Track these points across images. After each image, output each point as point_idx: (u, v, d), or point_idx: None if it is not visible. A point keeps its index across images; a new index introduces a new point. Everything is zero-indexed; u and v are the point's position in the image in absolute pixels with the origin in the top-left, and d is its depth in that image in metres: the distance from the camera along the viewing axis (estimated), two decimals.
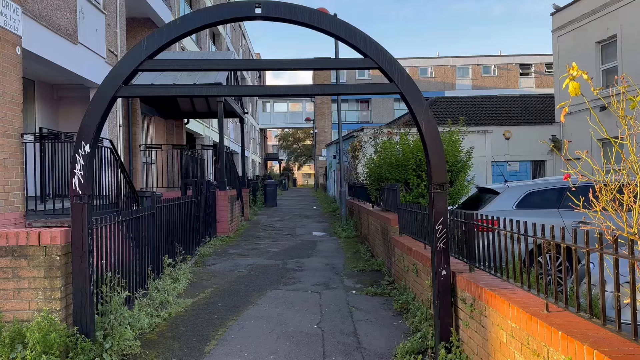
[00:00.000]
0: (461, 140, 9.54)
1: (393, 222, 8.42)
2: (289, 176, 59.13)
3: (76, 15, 10.02)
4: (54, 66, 9.52)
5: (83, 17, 10.36)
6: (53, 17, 9.17)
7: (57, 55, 9.36)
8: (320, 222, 16.79)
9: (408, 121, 19.50)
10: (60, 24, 9.40)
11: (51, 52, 9.08)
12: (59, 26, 9.40)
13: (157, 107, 16.34)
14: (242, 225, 15.50)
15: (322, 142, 48.75)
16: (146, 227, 7.29)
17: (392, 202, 9.07)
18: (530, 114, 23.96)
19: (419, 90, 4.83)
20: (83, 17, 10.36)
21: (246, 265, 9.36)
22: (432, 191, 4.82)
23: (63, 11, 9.48)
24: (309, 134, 63.19)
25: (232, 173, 15.35)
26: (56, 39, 9.31)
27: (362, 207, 12.43)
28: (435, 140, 4.80)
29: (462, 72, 52.16)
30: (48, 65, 9.34)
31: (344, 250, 11.09)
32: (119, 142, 12.20)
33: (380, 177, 10.19)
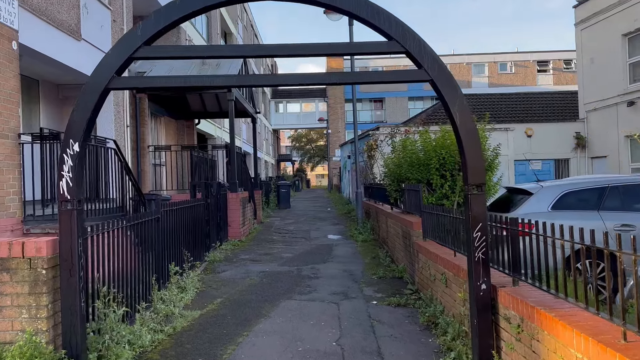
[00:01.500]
0: (487, 137, 8.88)
1: (416, 226, 7.79)
2: (302, 177, 58.62)
3: (79, 10, 9.55)
4: (56, 63, 9.07)
5: (87, 13, 9.90)
6: (54, 12, 8.71)
7: (59, 52, 8.90)
8: (335, 225, 16.19)
9: (426, 119, 18.83)
10: (62, 19, 8.94)
11: (52, 48, 8.62)
12: (61, 21, 8.93)
13: (167, 107, 15.88)
14: (254, 228, 14.96)
15: (336, 143, 48.15)
16: (150, 233, 6.77)
17: (414, 204, 8.44)
18: (552, 110, 23.11)
19: (452, 77, 4.22)
20: (87, 13, 9.90)
21: (258, 272, 8.79)
22: (468, 193, 4.20)
23: (65, 5, 9.01)
24: (322, 134, 62.63)
25: (244, 174, 14.83)
26: (57, 35, 8.85)
27: (380, 209, 11.81)
28: (471, 134, 4.18)
29: (478, 70, 51.18)
30: (49, 62, 8.89)
31: (362, 255, 10.48)
32: (127, 143, 11.73)
33: (400, 177, 9.56)
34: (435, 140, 9.02)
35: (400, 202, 9.79)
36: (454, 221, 5.83)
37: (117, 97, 11.45)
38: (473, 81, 50.18)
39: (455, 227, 5.76)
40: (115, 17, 11.36)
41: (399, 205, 9.89)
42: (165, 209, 7.35)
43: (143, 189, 12.33)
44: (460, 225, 5.43)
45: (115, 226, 5.53)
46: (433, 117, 20.20)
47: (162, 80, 4.97)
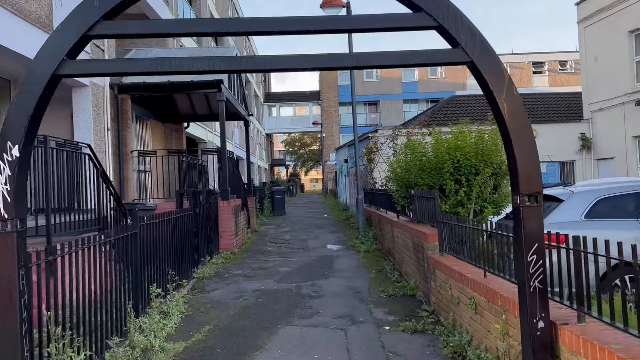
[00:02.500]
0: None
1: (431, 238, 6.89)
2: (296, 182, 57.67)
3: (51, 0, 8.61)
4: (24, 60, 8.11)
5: (60, 4, 8.95)
6: (20, 1, 7.75)
7: (27, 47, 7.92)
8: (334, 233, 15.26)
9: (426, 121, 17.95)
10: (31, 9, 7.99)
11: (18, 42, 7.65)
12: (29, 12, 7.98)
13: (153, 110, 14.92)
14: (248, 238, 14.00)
15: (330, 147, 47.27)
16: (126, 251, 5.82)
17: (427, 212, 7.54)
18: (556, 111, 22.37)
19: (497, 58, 3.33)
20: (60, 4, 8.95)
21: (252, 290, 7.84)
22: (520, 205, 3.30)
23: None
24: (316, 138, 61.75)
25: (236, 180, 13.88)
26: (24, 27, 7.88)
27: (384, 217, 10.90)
28: (523, 130, 3.29)
29: None
30: (16, 58, 7.91)
31: (366, 267, 9.56)
32: (107, 147, 10.76)
33: (408, 182, 8.65)
34: (447, 141, 8.13)
35: (408, 210, 8.88)
36: (475, 234, 4.95)
37: (97, 97, 10.49)
38: (468, 83, 49.51)
39: (478, 240, 4.88)
40: None
41: (407, 214, 8.99)
42: (144, 222, 6.40)
43: (126, 198, 11.36)
44: (497, 241, 4.55)
45: (79, 247, 4.58)
46: (434, 119, 19.36)
47: (131, 65, 4.02)
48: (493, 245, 4.72)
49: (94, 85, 10.31)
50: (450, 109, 22.57)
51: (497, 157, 7.77)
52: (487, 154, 7.63)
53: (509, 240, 4.27)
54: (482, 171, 7.55)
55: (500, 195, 7.81)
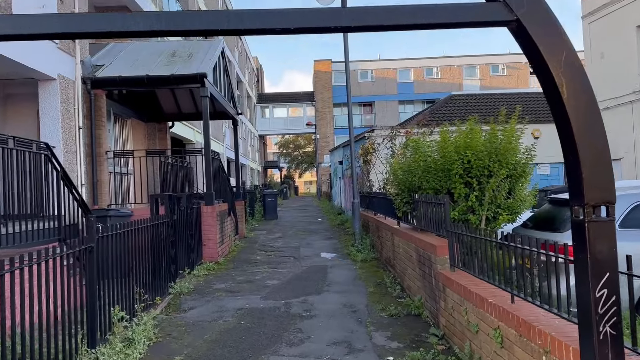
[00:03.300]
0: (520, 134, 7.09)
1: (440, 251, 5.96)
2: (290, 184, 56.70)
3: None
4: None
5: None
6: None
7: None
8: (328, 239, 14.32)
9: (427, 120, 17.05)
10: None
11: None
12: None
13: (135, 108, 13.93)
14: (235, 245, 13.03)
15: (324, 148, 46.39)
16: (78, 270, 4.86)
17: (434, 220, 6.62)
18: None
19: (553, 17, 2.41)
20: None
21: (235, 309, 6.88)
22: (584, 220, 2.37)
23: None
24: (310, 140, 60.83)
25: (222, 183, 12.92)
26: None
27: (383, 224, 9.97)
28: (590, 114, 2.37)
29: (470, 72, 49.88)
30: None
31: (364, 280, 8.62)
32: (79, 147, 9.78)
33: (411, 185, 7.73)
34: (456, 139, 7.20)
35: (411, 216, 7.95)
36: (514, 252, 4.03)
37: (67, 93, 9.52)
38: (464, 83, 48.83)
39: (502, 256, 3.97)
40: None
41: (410, 221, 8.06)
42: (104, 234, 5.44)
43: (100, 203, 10.36)
44: (534, 262, 3.64)
45: (14, 267, 3.63)
46: (433, 118, 18.48)
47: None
48: (526, 264, 3.81)
49: (62, 79, 9.34)
50: (449, 108, 21.71)
51: (513, 157, 6.86)
52: (501, 154, 6.72)
53: (554, 262, 3.36)
54: (496, 173, 6.64)
55: (515, 200, 6.89)
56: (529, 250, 3.83)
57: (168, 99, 14.69)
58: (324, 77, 49.26)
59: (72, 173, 9.51)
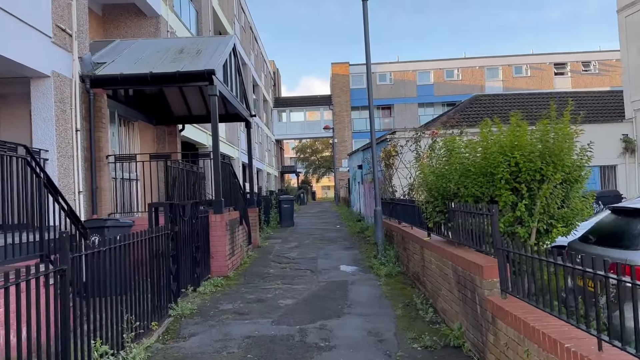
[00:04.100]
0: (578, 132, 6.01)
1: (487, 272, 4.92)
2: (307, 189, 55.80)
3: None
4: None
5: None
6: None
7: None
8: (348, 249, 13.30)
9: (456, 120, 15.94)
10: None
11: None
12: None
13: (142, 110, 13.15)
14: (248, 256, 12.09)
15: (342, 153, 45.43)
16: (47, 298, 3.96)
17: (477, 234, 5.58)
18: (595, 111, 20.22)
19: None
20: None
21: (242, 338, 5.90)
22: None
23: None
24: (327, 145, 59.93)
25: (233, 189, 12.01)
26: None
27: (410, 234, 8.94)
28: None
29: (492, 74, 48.48)
30: None
31: (390, 299, 7.59)
32: (76, 152, 8.96)
33: (445, 192, 6.69)
34: (500, 138, 6.14)
35: (445, 228, 6.90)
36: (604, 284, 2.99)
37: (62, 92, 8.71)
38: (487, 85, 47.42)
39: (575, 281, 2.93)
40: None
41: (443, 233, 7.01)
42: (81, 252, 4.53)
43: (100, 212, 9.53)
44: None
45: None
46: (463, 119, 17.36)
47: None
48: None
49: (57, 76, 8.53)
50: (474, 108, 20.58)
51: (569, 158, 5.79)
52: (555, 154, 5.66)
53: None
54: (549, 177, 5.59)
55: (572, 210, 5.81)
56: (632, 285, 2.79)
57: (177, 100, 13.89)
58: (341, 80, 48.34)
59: (68, 179, 8.70)
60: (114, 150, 11.62)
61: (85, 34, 9.67)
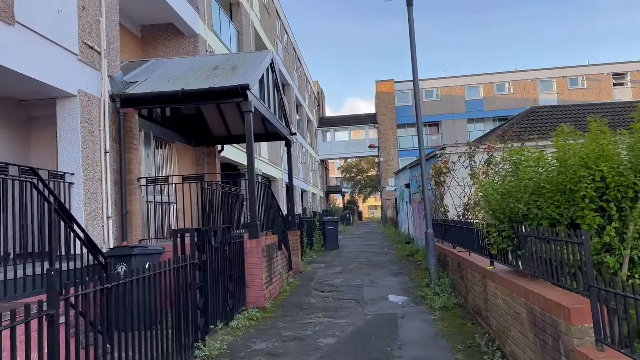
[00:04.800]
0: None
1: (576, 316, 3.87)
2: (353, 209, 54.73)
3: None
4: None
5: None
6: None
7: None
8: (396, 275, 12.24)
9: (515, 132, 14.70)
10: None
11: None
12: None
13: (180, 131, 12.74)
14: (288, 284, 11.26)
15: (388, 171, 44.31)
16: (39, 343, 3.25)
17: (558, 266, 4.52)
18: None
19: None
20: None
21: None
22: None
23: None
24: (373, 164, 58.91)
25: (271, 211, 11.27)
26: None
27: (467, 261, 7.86)
28: None
29: (545, 86, 46.31)
30: None
31: (448, 339, 6.53)
32: (104, 174, 8.48)
33: (512, 213, 5.65)
34: (575, 147, 5.09)
35: (514, 256, 5.83)
36: None
37: (90, 112, 8.28)
38: (540, 98, 45.23)
39: None
40: (85, 3, 8.29)
41: (511, 262, 5.93)
42: (72, 295, 3.82)
43: (131, 238, 8.99)
44: None
45: None
46: (520, 133, 16.06)
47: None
48: None
49: (84, 95, 8.11)
50: (530, 121, 19.15)
51: None
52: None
53: None
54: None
55: None
56: None
57: (216, 119, 13.43)
58: (386, 97, 47.48)
59: (95, 204, 8.20)
60: (149, 172, 11.19)
61: (116, 52, 9.29)
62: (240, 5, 20.65)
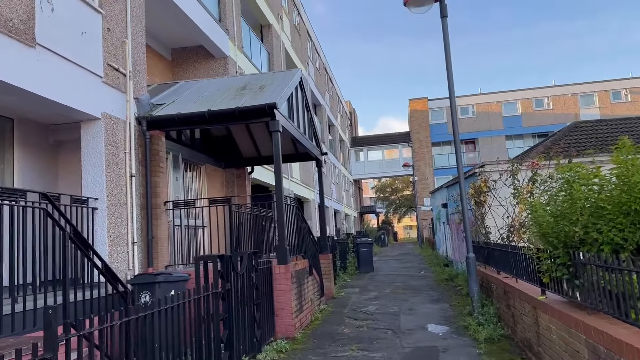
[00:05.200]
0: None
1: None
2: (388, 230, 53.71)
3: (31, 1, 6.37)
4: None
5: (51, 9, 6.72)
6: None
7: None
8: (435, 302, 11.53)
9: (562, 147, 13.91)
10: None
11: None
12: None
13: (210, 153, 12.55)
14: (319, 311, 10.71)
15: (424, 191, 43.38)
16: None
17: (621, 299, 3.89)
18: None
19: None
20: (51, 9, 6.72)
21: None
22: None
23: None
24: (407, 183, 57.94)
25: (301, 234, 10.82)
26: None
27: (514, 289, 7.18)
28: None
29: (586, 101, 44.68)
30: None
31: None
32: (130, 199, 8.25)
33: (567, 237, 5.01)
34: (633, 162, 4.47)
35: (569, 285, 5.16)
36: None
37: (115, 135, 8.10)
38: (581, 113, 43.59)
39: None
40: (110, 25, 8.19)
41: (567, 291, 5.26)
42: (84, 331, 3.44)
43: (157, 264, 8.70)
44: None
45: None
46: (565, 149, 15.22)
47: None
48: None
49: (109, 118, 7.94)
50: (574, 137, 18.18)
51: None
52: None
53: None
54: None
55: None
56: None
57: (246, 141, 13.19)
58: (420, 115, 46.79)
59: (120, 229, 7.95)
60: (177, 196, 10.98)
61: (142, 74, 9.16)
62: (270, 27, 20.65)
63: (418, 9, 9.91)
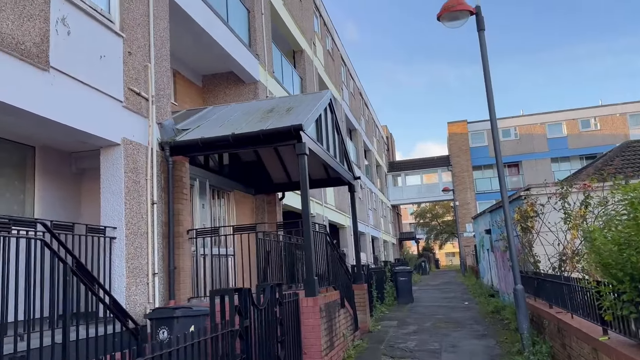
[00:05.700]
0: None
1: None
2: (429, 257, 52.05)
3: (47, 25, 6.19)
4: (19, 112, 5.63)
5: (67, 32, 6.53)
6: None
7: (13, 94, 5.45)
8: (480, 337, 10.57)
9: (606, 171, 12.87)
10: (3, 31, 5.54)
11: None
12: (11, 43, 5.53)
13: (239, 179, 12.19)
14: (353, 347, 9.94)
15: (465, 216, 41.90)
16: None
17: None
18: None
19: None
20: (67, 32, 6.53)
21: None
22: None
23: (8, 11, 5.65)
24: (448, 208, 56.35)
25: (332, 263, 10.18)
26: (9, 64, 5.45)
27: (570, 327, 6.30)
28: None
29: (636, 120, 42.60)
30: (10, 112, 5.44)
31: None
32: (151, 228, 7.88)
33: (633, 269, 4.24)
34: None
35: (637, 325, 4.34)
36: None
37: (135, 161, 7.80)
38: (631, 133, 41.45)
39: None
40: (132, 48, 7.99)
41: (635, 333, 4.44)
42: None
43: (179, 296, 8.24)
44: None
45: None
46: (619, 170, 14.12)
47: None
48: None
49: (129, 144, 7.66)
50: (627, 156, 16.95)
51: None
52: None
53: None
54: None
55: None
56: None
57: (275, 165, 12.77)
58: (459, 139, 45.66)
59: (140, 260, 7.56)
60: (204, 224, 10.59)
61: (166, 99, 8.92)
62: (303, 52, 20.51)
63: (452, 22, 9.34)
